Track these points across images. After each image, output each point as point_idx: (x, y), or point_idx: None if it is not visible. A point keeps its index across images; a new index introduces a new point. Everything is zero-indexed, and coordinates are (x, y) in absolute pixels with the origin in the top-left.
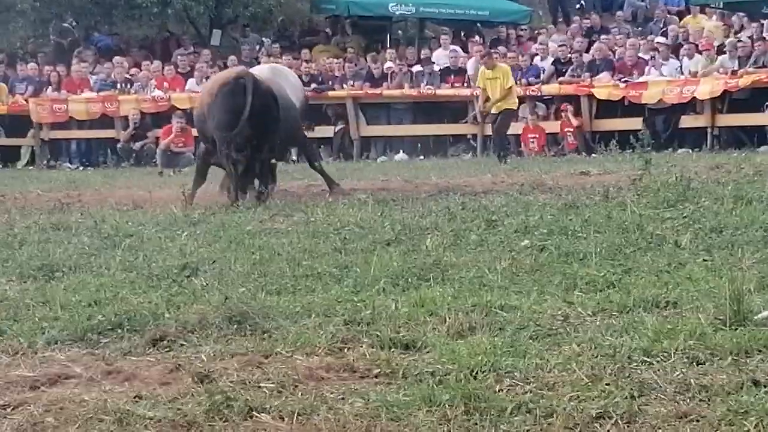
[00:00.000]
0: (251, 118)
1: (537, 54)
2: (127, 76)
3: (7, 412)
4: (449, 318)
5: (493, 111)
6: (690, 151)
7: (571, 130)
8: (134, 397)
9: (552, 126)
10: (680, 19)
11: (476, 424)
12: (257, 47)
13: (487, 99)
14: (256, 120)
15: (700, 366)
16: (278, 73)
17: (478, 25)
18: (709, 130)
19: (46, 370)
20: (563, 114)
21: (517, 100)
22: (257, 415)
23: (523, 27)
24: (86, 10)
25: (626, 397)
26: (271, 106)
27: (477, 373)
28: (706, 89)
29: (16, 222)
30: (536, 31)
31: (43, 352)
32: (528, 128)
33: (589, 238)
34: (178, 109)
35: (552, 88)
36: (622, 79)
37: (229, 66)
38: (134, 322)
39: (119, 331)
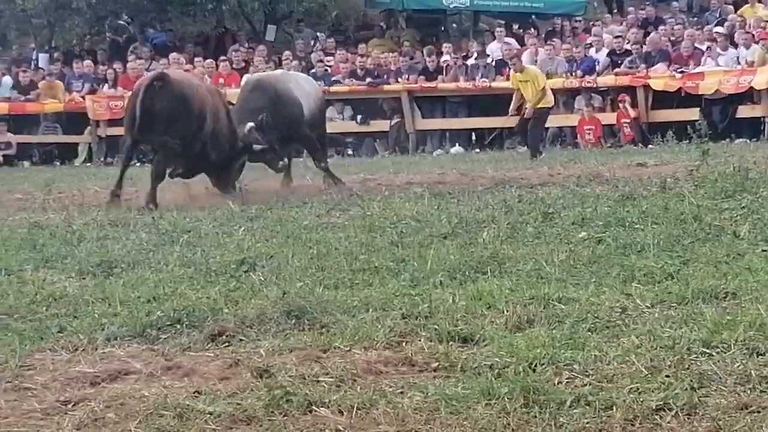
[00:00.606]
0: (150, 121)
1: (591, 45)
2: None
3: (68, 408)
4: (507, 311)
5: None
6: (747, 141)
7: (628, 121)
8: (194, 393)
9: (608, 117)
10: (736, 9)
11: (535, 417)
12: (312, 42)
13: (523, 100)
14: (159, 124)
15: (760, 357)
16: (288, 77)
17: (533, 17)
18: (766, 120)
19: (106, 366)
20: (620, 105)
21: (551, 99)
22: (316, 409)
23: (577, 18)
24: (141, 7)
25: (686, 389)
26: (182, 110)
27: (536, 365)
28: (763, 79)
29: (75, 219)
30: (591, 23)
31: (103, 348)
32: (584, 120)
33: (647, 230)
34: (231, 104)
35: (608, 80)
36: (678, 70)
37: (283, 61)
38: (193, 318)
39: (178, 326)
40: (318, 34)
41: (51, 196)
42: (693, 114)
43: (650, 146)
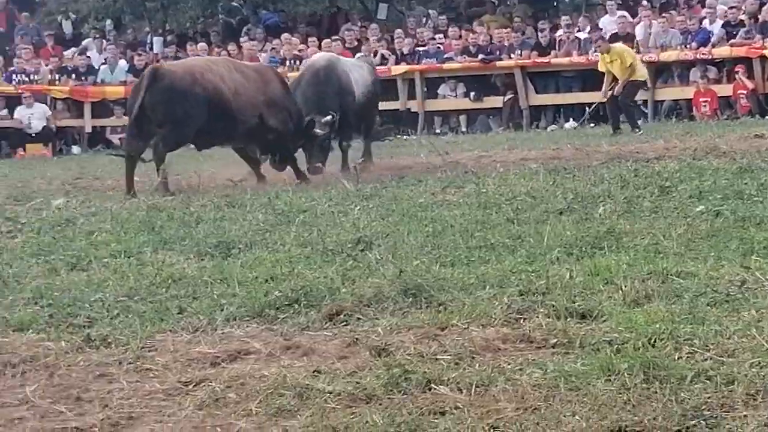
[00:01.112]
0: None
1: (705, 17)
2: (296, 52)
3: (189, 389)
4: (625, 286)
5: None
6: None
7: (745, 92)
8: (313, 372)
9: (724, 89)
10: None
11: (656, 392)
12: (423, 20)
13: (615, 80)
14: (152, 111)
15: None
16: (346, 64)
17: None
18: None
19: (226, 346)
20: (736, 76)
21: (644, 72)
22: (435, 387)
23: None
24: None
25: None
26: (171, 99)
27: (655, 341)
28: None
29: (192, 201)
30: None
31: (222, 328)
32: (699, 92)
33: (766, 202)
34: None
35: (723, 51)
36: None
37: (395, 40)
38: (311, 297)
39: (296, 306)
40: (429, 11)
41: (167, 179)
42: None
43: None
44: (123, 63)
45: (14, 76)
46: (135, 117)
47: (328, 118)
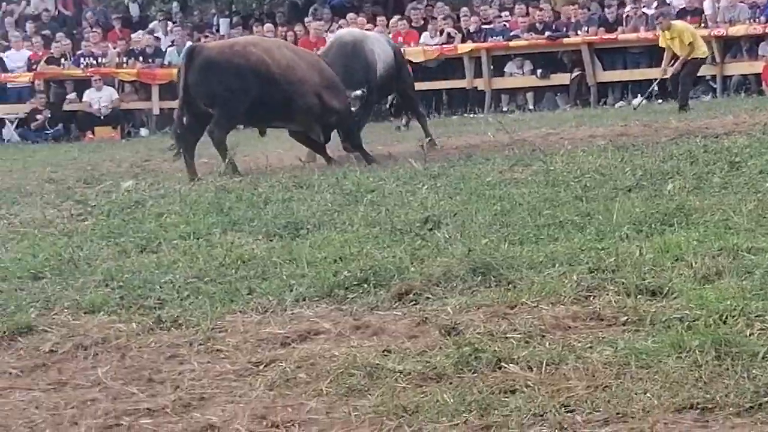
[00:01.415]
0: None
1: None
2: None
3: (260, 369)
4: (695, 263)
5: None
6: None
7: None
8: (383, 351)
9: None
10: None
11: (727, 369)
12: None
13: (675, 57)
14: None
15: None
16: (370, 38)
17: None
18: None
19: (295, 326)
20: None
21: (705, 50)
22: (506, 365)
23: None
24: None
25: None
26: (211, 75)
27: (726, 317)
28: None
29: (261, 182)
30: None
31: (292, 309)
32: None
33: None
34: (413, 63)
35: None
36: None
37: (461, 18)
38: (379, 277)
39: (365, 286)
40: None
41: (236, 160)
42: None
43: None
44: (190, 45)
45: (82, 59)
46: (182, 101)
47: (359, 92)
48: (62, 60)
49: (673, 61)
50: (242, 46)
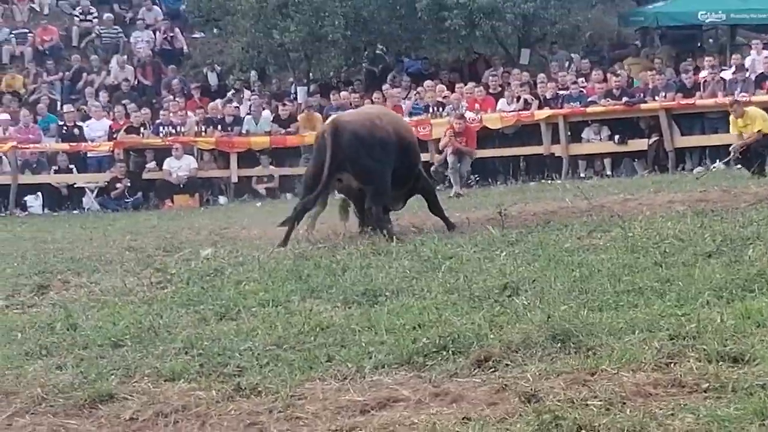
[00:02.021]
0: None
1: None
2: (440, 99)
3: None
4: None
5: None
6: None
7: None
8: (462, 419)
9: None
10: None
11: None
12: (566, 64)
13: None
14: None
15: None
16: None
17: None
18: None
19: (375, 394)
20: None
21: None
22: None
23: None
24: (396, 37)
25: None
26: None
27: None
28: None
29: (338, 249)
30: None
31: (371, 376)
32: None
33: None
34: (490, 129)
35: None
36: None
37: (538, 85)
38: (458, 344)
39: (444, 353)
40: (572, 55)
41: (314, 228)
42: None
43: None
44: (267, 113)
45: (161, 128)
46: (327, 177)
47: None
48: (142, 129)
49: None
50: (379, 119)
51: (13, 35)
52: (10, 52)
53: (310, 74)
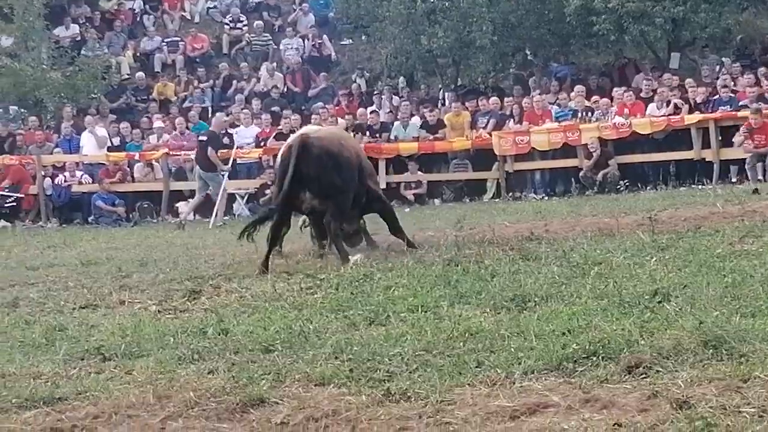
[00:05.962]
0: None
1: None
2: (588, 104)
3: None
4: None
5: None
6: None
7: None
8: (614, 425)
9: None
10: None
11: None
12: (717, 68)
13: None
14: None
15: None
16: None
17: None
18: None
19: (524, 399)
20: None
21: None
22: None
23: None
24: (544, 42)
25: None
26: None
27: None
28: None
29: (487, 254)
30: None
31: (520, 381)
32: None
33: None
34: (640, 135)
35: None
36: None
37: (688, 89)
38: (608, 350)
39: (594, 359)
40: (723, 59)
41: (462, 233)
42: None
43: None
44: (416, 119)
45: None
46: (289, 191)
47: None
48: (291, 135)
49: None
50: (344, 139)
51: (164, 44)
52: (162, 61)
53: (458, 80)
